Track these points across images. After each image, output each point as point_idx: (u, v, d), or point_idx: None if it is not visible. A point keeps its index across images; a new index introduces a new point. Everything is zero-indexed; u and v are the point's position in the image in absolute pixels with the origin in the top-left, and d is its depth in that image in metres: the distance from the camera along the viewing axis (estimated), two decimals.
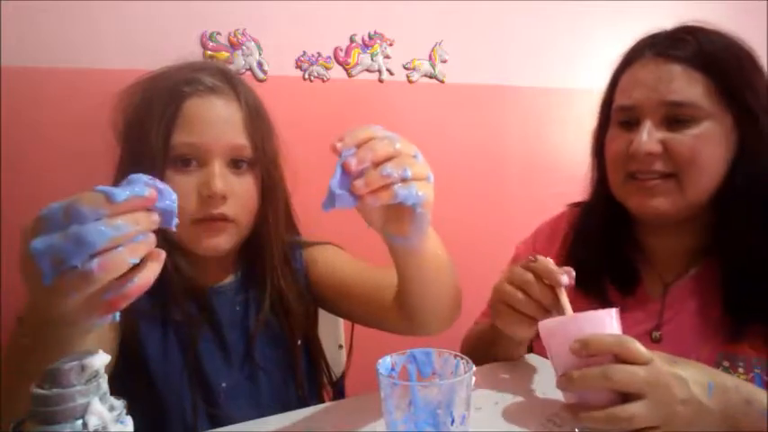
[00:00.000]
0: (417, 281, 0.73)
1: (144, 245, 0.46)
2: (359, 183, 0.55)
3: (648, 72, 0.80)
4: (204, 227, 0.79)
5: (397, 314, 0.79)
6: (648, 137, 0.77)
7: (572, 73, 1.75)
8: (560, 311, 0.68)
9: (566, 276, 0.68)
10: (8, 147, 1.01)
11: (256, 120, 0.83)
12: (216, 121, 0.79)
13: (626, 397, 0.58)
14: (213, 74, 0.82)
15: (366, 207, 0.58)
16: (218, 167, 0.78)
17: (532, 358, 0.88)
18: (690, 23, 0.84)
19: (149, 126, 0.77)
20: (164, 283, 0.78)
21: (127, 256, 0.45)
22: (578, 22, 1.74)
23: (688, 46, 0.79)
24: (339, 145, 0.56)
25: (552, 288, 0.69)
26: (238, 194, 0.80)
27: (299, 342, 0.88)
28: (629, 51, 0.86)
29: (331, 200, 0.54)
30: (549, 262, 0.70)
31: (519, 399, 0.74)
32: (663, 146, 0.77)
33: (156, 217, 0.47)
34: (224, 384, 0.81)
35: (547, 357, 0.72)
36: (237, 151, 0.81)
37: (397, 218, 0.62)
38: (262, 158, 0.83)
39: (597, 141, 0.90)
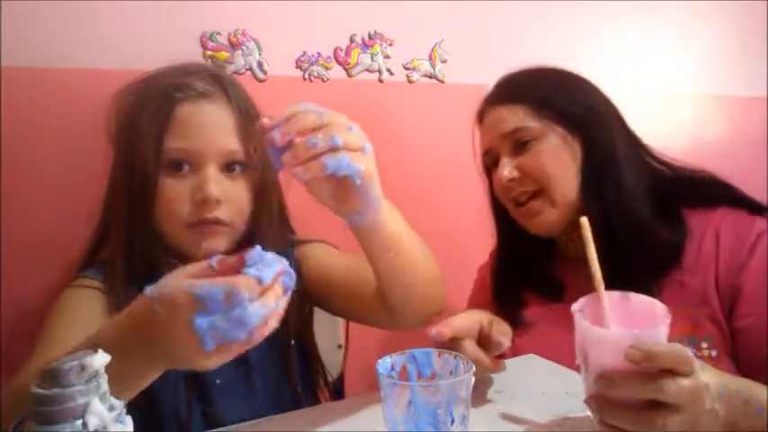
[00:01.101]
0: (385, 264, 0.72)
1: (281, 310, 0.52)
2: (286, 156, 0.56)
3: (488, 119, 0.99)
4: (199, 231, 0.79)
5: (378, 307, 0.79)
6: (506, 167, 0.94)
7: None
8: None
9: (507, 341, 0.76)
10: (8, 147, 1.01)
11: (249, 123, 0.83)
12: (208, 126, 0.80)
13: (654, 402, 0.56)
14: (204, 77, 0.82)
15: (299, 180, 0.58)
16: (211, 172, 0.79)
17: (532, 358, 0.88)
18: (510, 72, 1.04)
19: (141, 131, 0.77)
20: None
21: (274, 324, 0.51)
22: (578, 23, 1.74)
23: (503, 88, 1.01)
24: (266, 120, 0.57)
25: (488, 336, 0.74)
26: (232, 198, 0.81)
27: (293, 342, 0.89)
28: (477, 112, 1.04)
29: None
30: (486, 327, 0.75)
31: (519, 399, 0.74)
32: (518, 170, 0.93)
33: (281, 288, 0.52)
34: (218, 381, 0.81)
35: (540, 353, 0.72)
36: (230, 155, 0.81)
37: (344, 194, 0.62)
38: (254, 161, 0.83)
39: (488, 183, 1.05)
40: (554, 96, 0.96)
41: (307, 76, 1.33)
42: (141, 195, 0.79)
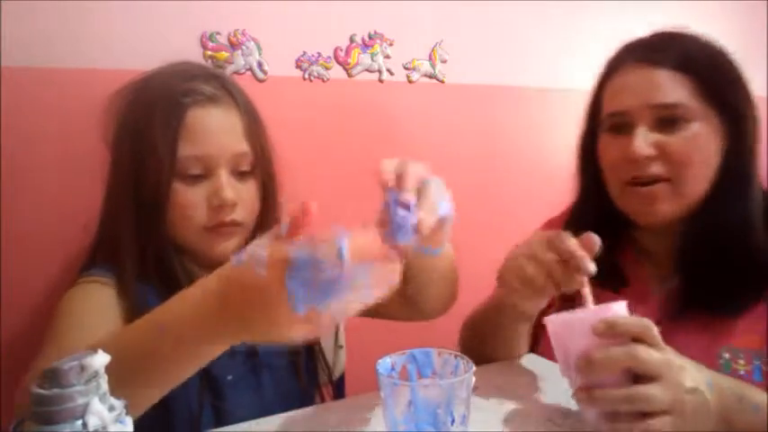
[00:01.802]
0: (428, 276, 0.75)
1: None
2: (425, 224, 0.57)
3: (635, 77, 0.82)
4: (216, 233, 0.82)
5: (398, 302, 0.81)
6: (643, 140, 0.79)
7: (572, 73, 1.75)
8: (577, 298, 0.68)
9: (593, 265, 0.68)
10: (8, 147, 1.01)
11: (254, 124, 0.86)
12: (218, 132, 0.81)
13: (637, 381, 0.58)
14: (209, 81, 0.83)
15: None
16: (224, 176, 0.81)
17: (532, 359, 0.88)
18: (667, 29, 0.87)
19: (153, 140, 0.78)
20: (173, 286, 0.79)
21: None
22: (579, 22, 1.74)
23: (670, 50, 0.82)
24: (408, 197, 0.57)
25: (572, 271, 0.69)
26: (245, 199, 0.83)
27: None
28: (611, 60, 0.89)
29: (395, 233, 0.56)
30: (576, 244, 0.70)
31: (518, 399, 0.74)
32: (657, 149, 0.79)
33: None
34: (230, 377, 0.82)
35: (547, 357, 0.72)
36: (241, 158, 0.83)
37: (432, 232, 0.62)
38: (262, 162, 0.85)
39: (584, 148, 0.93)
40: (724, 80, 0.82)
41: (307, 76, 1.33)
42: (153, 202, 0.79)
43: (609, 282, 0.87)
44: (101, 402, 0.38)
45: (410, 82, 1.47)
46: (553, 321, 0.65)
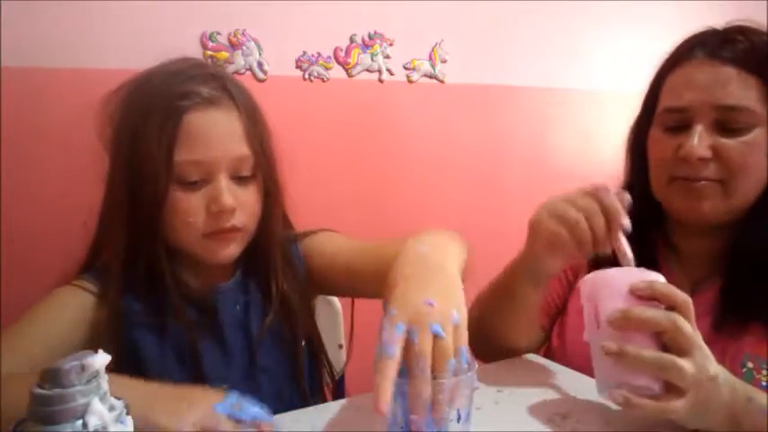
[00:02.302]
0: None
1: None
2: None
3: (701, 73, 0.77)
4: (216, 239, 0.79)
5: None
6: (699, 141, 0.74)
7: (572, 73, 1.75)
8: (616, 255, 0.68)
9: (628, 221, 0.68)
10: (8, 147, 1.01)
11: (256, 126, 0.82)
12: (218, 136, 0.77)
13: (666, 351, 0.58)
14: (207, 82, 0.79)
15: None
16: (224, 182, 0.77)
17: (532, 358, 0.88)
18: (739, 22, 0.81)
19: (149, 144, 0.75)
20: (161, 293, 0.78)
21: None
22: (579, 22, 1.74)
23: (740, 47, 0.76)
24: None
25: (610, 225, 0.69)
26: (245, 204, 0.80)
27: (303, 343, 0.88)
28: (676, 50, 0.83)
29: None
30: (617, 201, 0.69)
31: (519, 399, 0.74)
32: (713, 151, 0.75)
33: None
34: (226, 386, 0.81)
35: (554, 359, 0.71)
36: (241, 162, 0.79)
37: None
38: (263, 164, 0.82)
39: (635, 139, 0.88)
40: None
41: (307, 76, 1.33)
42: (149, 208, 0.77)
43: None
44: (101, 402, 0.38)
45: (410, 82, 1.47)
46: (588, 279, 0.64)
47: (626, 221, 0.68)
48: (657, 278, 0.62)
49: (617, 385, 0.60)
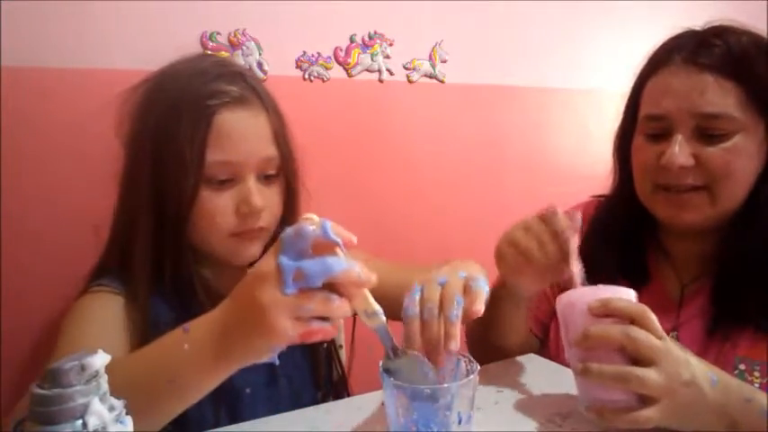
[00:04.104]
0: None
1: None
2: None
3: (679, 81, 0.76)
4: (242, 239, 0.79)
5: None
6: (680, 150, 0.74)
7: (572, 73, 1.75)
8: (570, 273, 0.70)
9: (576, 242, 0.70)
10: (8, 147, 1.01)
11: (282, 127, 0.82)
12: (248, 137, 0.77)
13: (634, 363, 0.59)
14: (235, 80, 0.79)
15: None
16: (252, 182, 0.78)
17: (532, 358, 0.88)
18: (718, 23, 0.81)
19: (180, 143, 0.74)
20: (188, 298, 0.78)
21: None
22: (578, 22, 1.74)
23: (717, 51, 0.75)
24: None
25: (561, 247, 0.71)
26: (271, 205, 0.81)
27: (325, 344, 0.89)
28: (654, 55, 0.83)
29: None
30: (566, 221, 0.71)
31: (519, 399, 0.74)
32: (695, 159, 0.75)
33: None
34: (248, 390, 0.81)
35: (551, 358, 0.71)
36: (268, 162, 0.80)
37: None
38: (287, 164, 0.83)
39: (620, 144, 0.89)
40: None
41: (307, 76, 1.33)
42: (176, 208, 0.76)
43: (634, 276, 0.84)
44: (101, 402, 0.38)
45: (410, 82, 1.47)
46: (559, 300, 0.67)
47: (574, 244, 0.69)
48: (625, 294, 0.64)
49: (594, 401, 0.62)
